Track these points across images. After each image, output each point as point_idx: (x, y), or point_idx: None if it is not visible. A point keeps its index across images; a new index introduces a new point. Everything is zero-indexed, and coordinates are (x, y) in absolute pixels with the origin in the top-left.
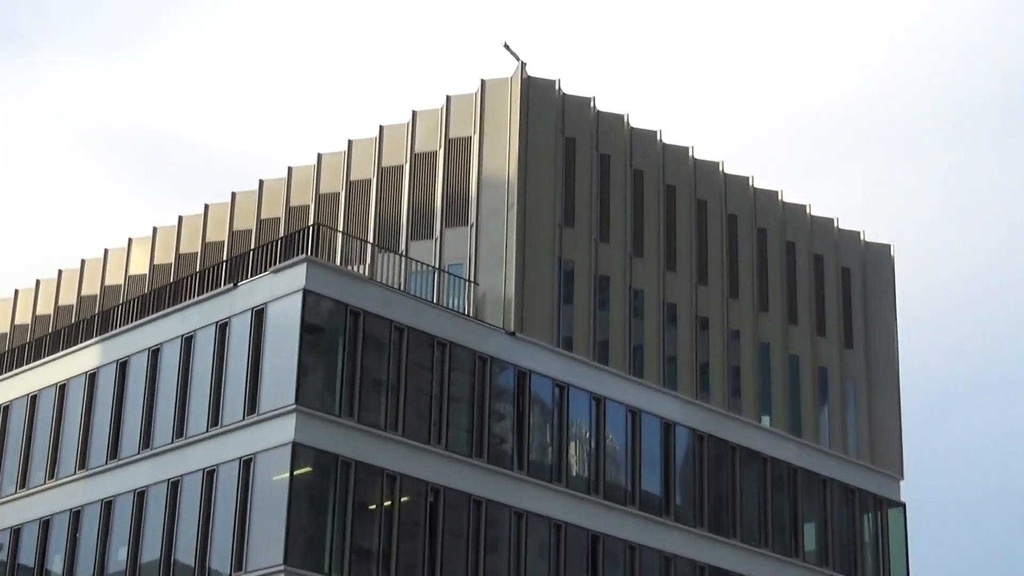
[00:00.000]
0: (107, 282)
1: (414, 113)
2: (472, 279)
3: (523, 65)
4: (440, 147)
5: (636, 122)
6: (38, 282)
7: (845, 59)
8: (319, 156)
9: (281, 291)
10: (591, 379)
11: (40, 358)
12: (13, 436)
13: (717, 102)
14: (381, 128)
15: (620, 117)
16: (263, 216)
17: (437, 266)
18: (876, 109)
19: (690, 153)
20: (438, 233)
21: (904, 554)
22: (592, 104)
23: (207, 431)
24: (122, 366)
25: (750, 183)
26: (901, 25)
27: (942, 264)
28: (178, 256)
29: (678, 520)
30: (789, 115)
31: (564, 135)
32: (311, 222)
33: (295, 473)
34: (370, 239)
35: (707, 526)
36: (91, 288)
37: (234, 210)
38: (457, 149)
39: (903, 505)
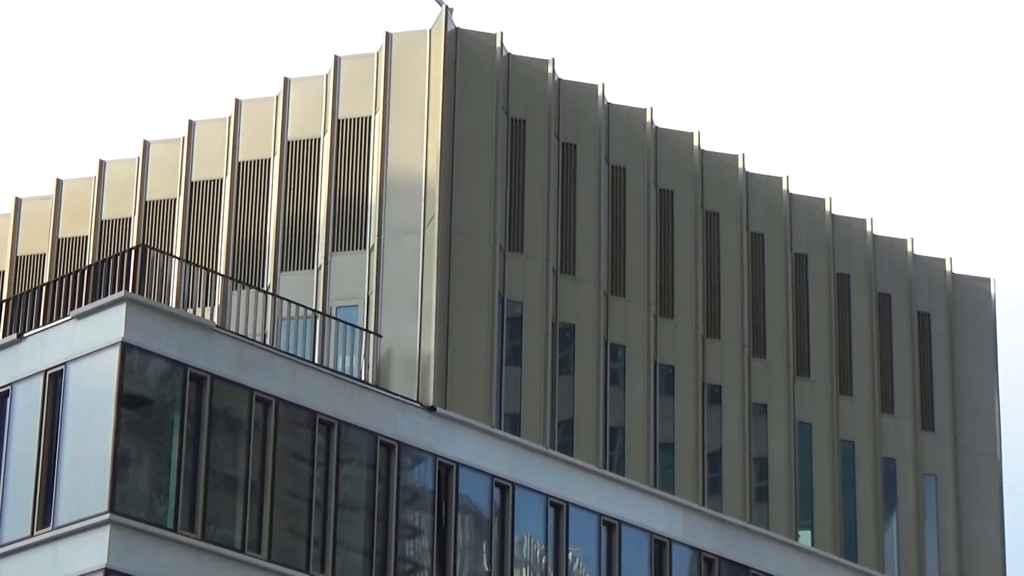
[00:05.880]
0: None
1: (286, 81)
2: (372, 328)
3: (448, 11)
4: (324, 132)
5: (615, 96)
6: None
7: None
8: (145, 144)
9: (88, 345)
10: (547, 476)
11: None
12: None
13: (713, 73)
14: (238, 103)
15: (592, 89)
16: (62, 234)
17: (320, 309)
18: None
19: (695, 142)
20: (321, 260)
21: None
22: (551, 69)
23: None
24: None
25: (783, 185)
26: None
27: None
28: None
29: None
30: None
31: (509, 115)
32: (133, 242)
33: None
34: (221, 268)
35: None
36: None
37: (19, 225)
38: (349, 135)
39: None
